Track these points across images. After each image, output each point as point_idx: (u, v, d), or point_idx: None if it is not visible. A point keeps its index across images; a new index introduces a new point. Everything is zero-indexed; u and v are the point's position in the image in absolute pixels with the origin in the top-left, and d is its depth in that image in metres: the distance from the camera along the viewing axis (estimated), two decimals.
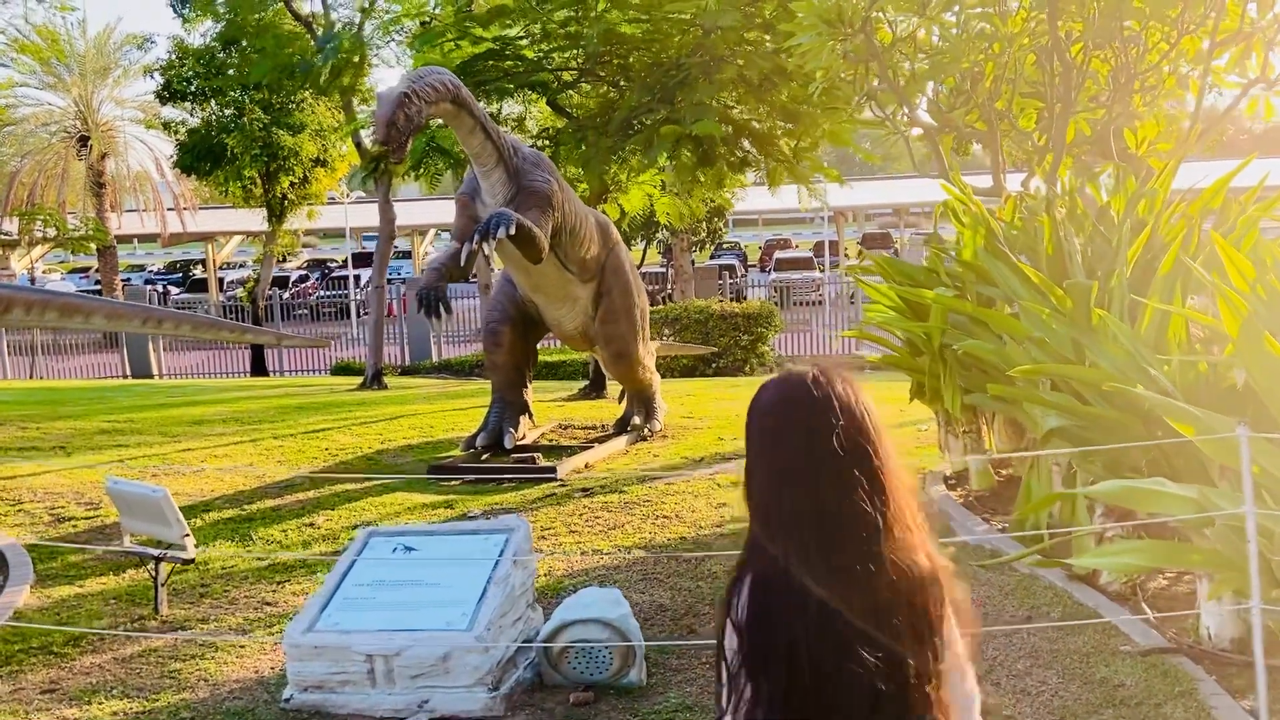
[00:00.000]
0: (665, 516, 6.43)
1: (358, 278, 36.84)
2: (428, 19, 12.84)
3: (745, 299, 27.71)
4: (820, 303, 29.38)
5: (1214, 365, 3.90)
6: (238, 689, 4.29)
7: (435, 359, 23.98)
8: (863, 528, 1.67)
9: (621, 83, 11.68)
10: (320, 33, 14.46)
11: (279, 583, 5.59)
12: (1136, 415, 4.14)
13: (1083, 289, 4.64)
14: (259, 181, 22.96)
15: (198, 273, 49.24)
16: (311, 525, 6.73)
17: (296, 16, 15.02)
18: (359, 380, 18.52)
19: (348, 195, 32.75)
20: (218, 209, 40.10)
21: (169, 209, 32.00)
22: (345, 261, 39.92)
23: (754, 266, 41.37)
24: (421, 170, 12.20)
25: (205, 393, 15.28)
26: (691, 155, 10.41)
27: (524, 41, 11.55)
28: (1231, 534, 3.37)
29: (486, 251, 7.12)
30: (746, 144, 11.59)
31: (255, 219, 29.43)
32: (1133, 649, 4.19)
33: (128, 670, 4.47)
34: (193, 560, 5.11)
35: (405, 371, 22.89)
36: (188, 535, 4.97)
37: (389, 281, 42.88)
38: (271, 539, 6.49)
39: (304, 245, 48.37)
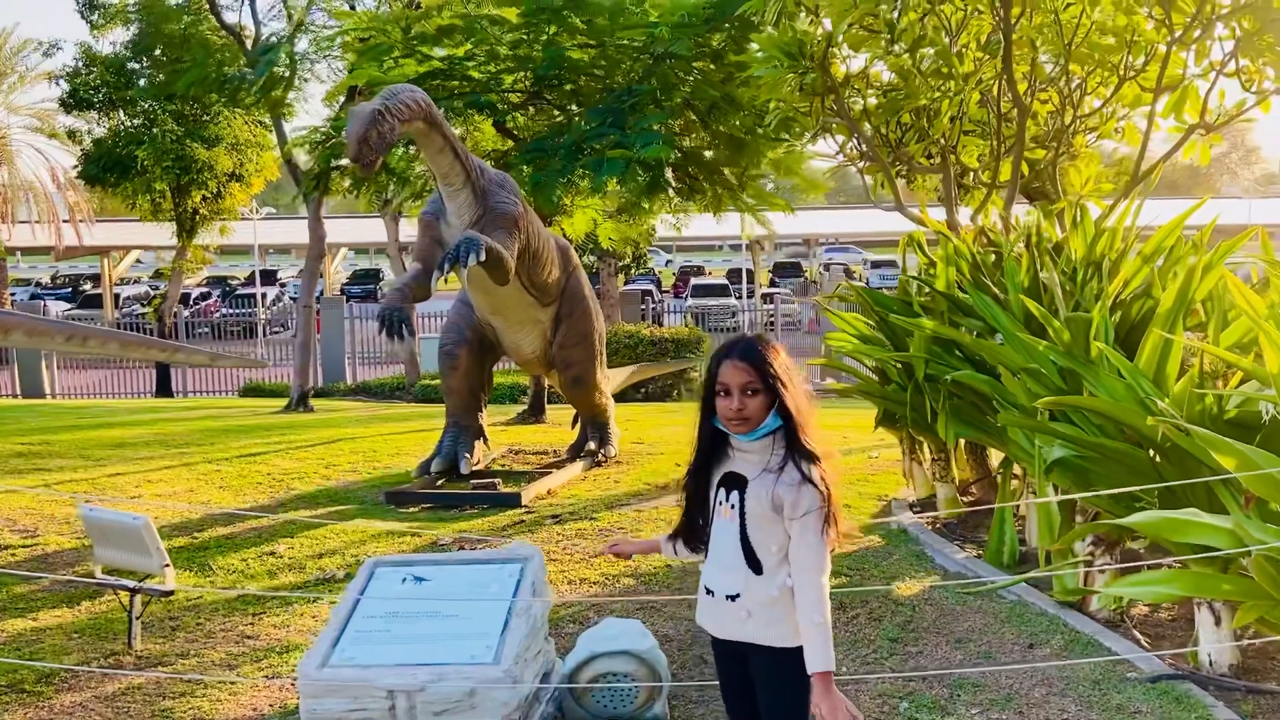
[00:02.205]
0: None
1: (264, 296, 35.91)
2: (366, 35, 12.62)
3: (662, 324, 27.91)
4: (736, 329, 29.80)
5: (1219, 398, 4.04)
6: None
7: (350, 381, 23.46)
8: None
9: (569, 107, 11.66)
10: (250, 45, 14.09)
11: (254, 615, 5.35)
12: (1144, 447, 4.26)
13: (1081, 322, 4.76)
14: (169, 195, 22.22)
15: (89, 288, 47.37)
16: (273, 554, 6.47)
17: (225, 26, 14.61)
18: (271, 402, 17.98)
19: (256, 211, 31.93)
20: (114, 222, 38.69)
21: (64, 221, 30.70)
22: (254, 277, 38.84)
23: (667, 292, 41.66)
24: (365, 188, 11.98)
25: (117, 414, 14.65)
26: (641, 180, 10.44)
27: (471, 63, 11.44)
28: (1268, 565, 3.48)
29: (462, 278, 7.02)
30: (692, 170, 11.68)
31: (156, 233, 28.43)
32: (1139, 675, 4.29)
33: (115, 710, 4.21)
34: (172, 592, 4.86)
35: (319, 394, 22.33)
36: (168, 565, 4.72)
37: (294, 300, 42.00)
38: (233, 569, 6.22)
39: (197, 262, 47.15)
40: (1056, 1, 8.53)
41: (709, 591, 2.94)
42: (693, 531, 2.98)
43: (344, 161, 12.19)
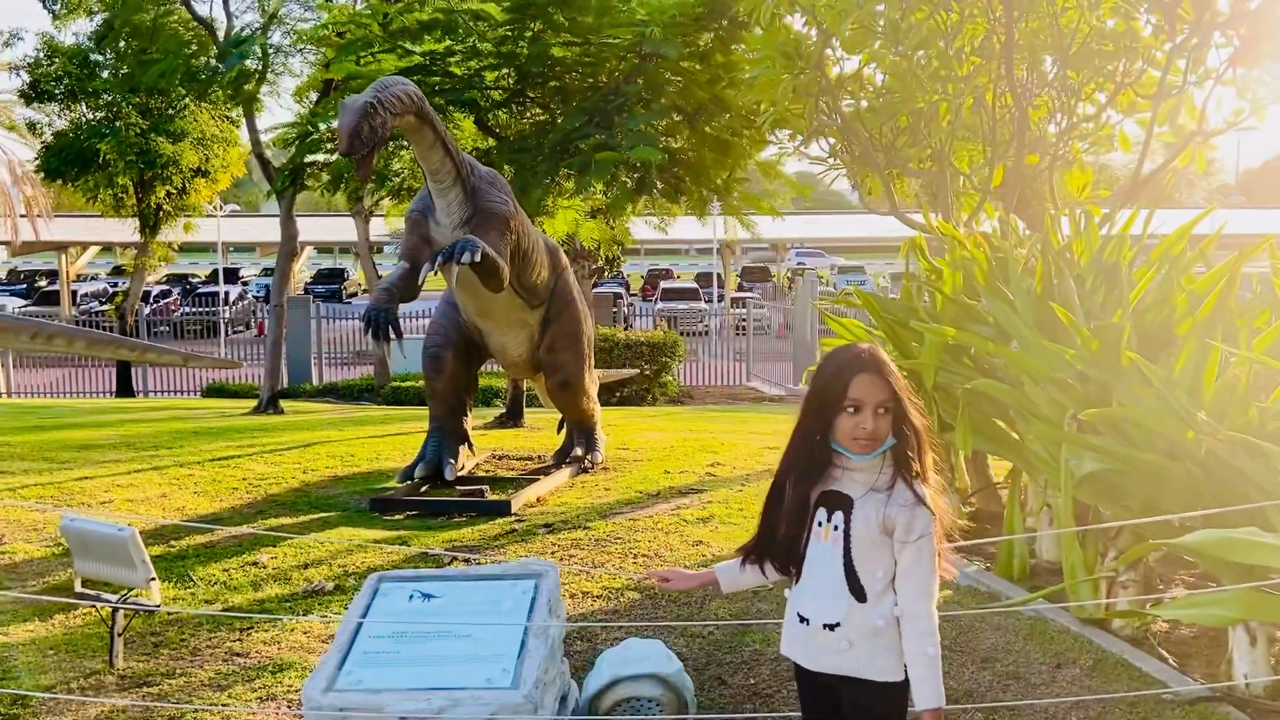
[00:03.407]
0: (645, 555, 6.15)
1: (227, 294, 35.30)
2: (343, 30, 12.32)
3: (631, 326, 27.70)
4: (706, 333, 29.70)
5: (1264, 412, 3.91)
6: None
7: (316, 382, 23.04)
8: None
9: (552, 105, 11.43)
10: (223, 37, 13.72)
11: (242, 630, 5.07)
12: (1185, 461, 4.12)
13: (1113, 330, 4.62)
14: (132, 190, 21.68)
15: (44, 284, 46.39)
16: (256, 564, 6.18)
17: (196, 18, 14.21)
18: (236, 403, 17.56)
19: (220, 208, 31.34)
20: (72, 217, 37.91)
21: (21, 215, 29.94)
22: (215, 275, 38.19)
23: (635, 295, 41.50)
24: (345, 185, 11.67)
25: (80, 414, 14.22)
26: (628, 181, 10.24)
27: (453, 59, 11.18)
28: None
29: (451, 276, 6.78)
30: (678, 172, 11.50)
31: (116, 228, 27.79)
32: (1175, 698, 4.15)
33: None
34: (158, 608, 4.58)
35: (284, 394, 21.91)
36: (153, 579, 4.45)
37: (258, 299, 41.24)
38: (214, 579, 5.93)
39: (160, 259, 46.35)
40: (1054, 5, 8.45)
41: (802, 619, 2.73)
42: (790, 552, 2.75)
43: (319, 157, 11.89)
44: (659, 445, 10.10)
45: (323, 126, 11.45)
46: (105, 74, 20.57)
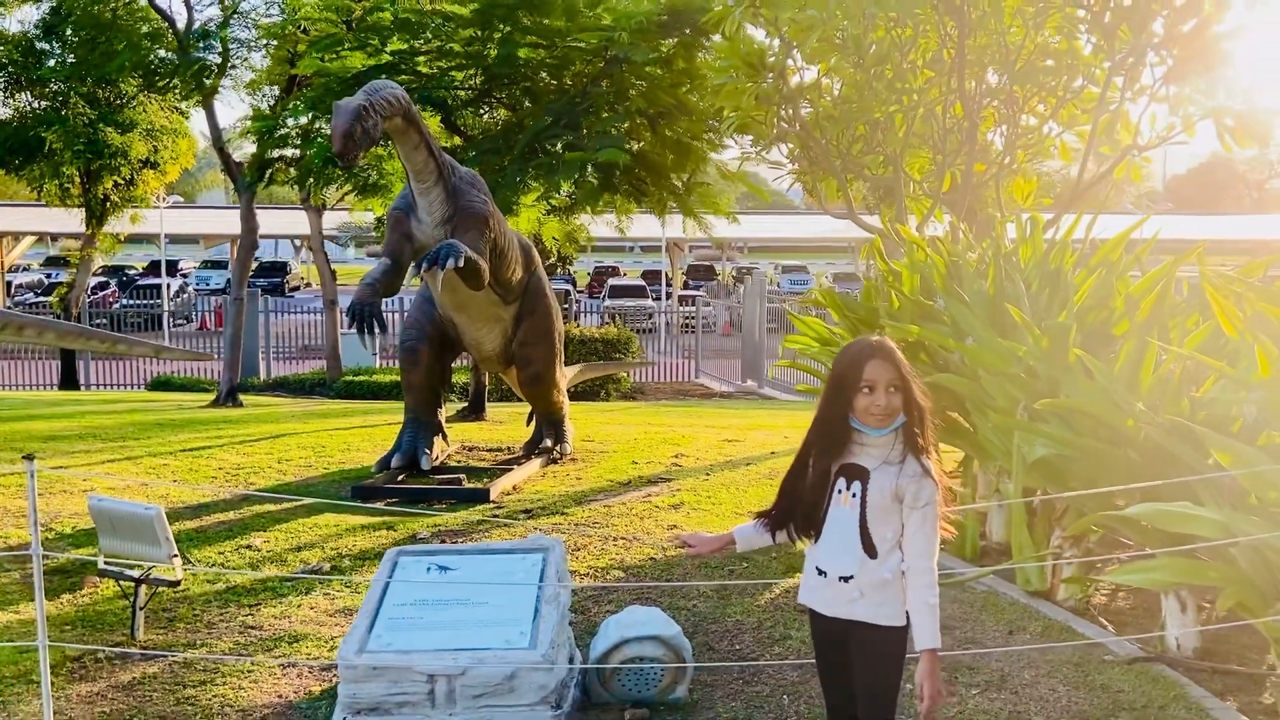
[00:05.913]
0: (624, 539, 6.52)
1: (167, 287, 34.89)
2: (308, 26, 12.50)
3: (578, 323, 28.00)
4: (653, 330, 30.15)
5: (1195, 402, 4.40)
6: (270, 714, 4.11)
7: (265, 376, 23.05)
8: None
9: (519, 106, 11.73)
10: (183, 29, 13.78)
11: (250, 606, 5.35)
12: (1125, 447, 4.60)
13: (1061, 330, 5.10)
14: (78, 180, 21.49)
15: None
16: (250, 547, 6.44)
17: (158, 10, 14.23)
18: (185, 396, 17.56)
19: (163, 200, 31.01)
20: (7, 206, 37.20)
21: None
22: (155, 267, 37.69)
23: (581, 292, 41.81)
24: (316, 181, 11.82)
25: (35, 406, 14.18)
26: (594, 181, 10.59)
27: (421, 58, 11.43)
28: (1254, 555, 3.83)
29: (436, 282, 7.09)
30: (640, 174, 11.87)
31: (55, 218, 27.43)
32: (1115, 659, 4.63)
33: (137, 698, 4.20)
34: (179, 582, 4.84)
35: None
36: (176, 556, 4.71)
37: (197, 291, 40.64)
38: (211, 561, 6.18)
39: (106, 250, 45.58)
40: (1002, 23, 8.99)
41: (820, 572, 3.12)
42: (811, 517, 3.14)
43: (288, 151, 12.05)
44: (622, 438, 10.47)
45: (290, 122, 11.64)
46: (52, 62, 20.36)
